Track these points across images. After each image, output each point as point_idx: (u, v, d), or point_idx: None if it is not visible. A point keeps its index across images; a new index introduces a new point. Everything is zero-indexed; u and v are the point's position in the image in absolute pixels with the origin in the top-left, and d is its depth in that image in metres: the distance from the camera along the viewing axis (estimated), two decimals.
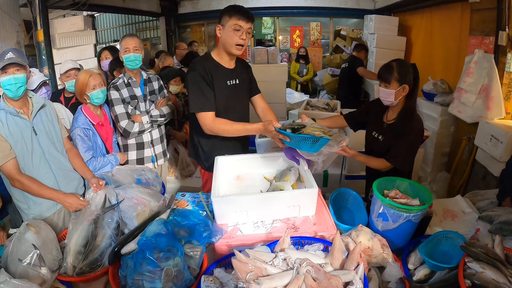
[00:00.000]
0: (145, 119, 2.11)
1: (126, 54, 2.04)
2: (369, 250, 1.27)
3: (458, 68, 3.16)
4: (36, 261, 1.24)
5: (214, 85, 1.72)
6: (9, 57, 1.48)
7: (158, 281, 1.11)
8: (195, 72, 1.69)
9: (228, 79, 1.79)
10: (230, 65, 1.80)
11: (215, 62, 1.77)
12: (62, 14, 5.32)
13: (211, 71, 1.72)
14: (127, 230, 1.47)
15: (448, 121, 3.31)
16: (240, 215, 1.42)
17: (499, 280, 1.07)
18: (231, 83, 1.80)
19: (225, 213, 1.41)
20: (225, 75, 1.78)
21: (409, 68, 1.68)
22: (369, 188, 1.48)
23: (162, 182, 2.02)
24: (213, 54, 1.79)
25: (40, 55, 3.24)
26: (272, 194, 1.44)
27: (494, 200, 1.77)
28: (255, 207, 1.41)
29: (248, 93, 1.94)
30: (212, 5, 6.42)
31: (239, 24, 1.62)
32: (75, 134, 1.87)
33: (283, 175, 1.65)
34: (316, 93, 6.11)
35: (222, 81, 1.76)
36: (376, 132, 1.83)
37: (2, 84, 1.49)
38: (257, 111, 1.97)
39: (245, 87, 1.90)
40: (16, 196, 1.65)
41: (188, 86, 1.74)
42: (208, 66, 1.73)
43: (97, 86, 1.89)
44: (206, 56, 1.82)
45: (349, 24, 6.64)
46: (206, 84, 1.68)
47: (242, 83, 1.86)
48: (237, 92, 1.84)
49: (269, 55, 4.46)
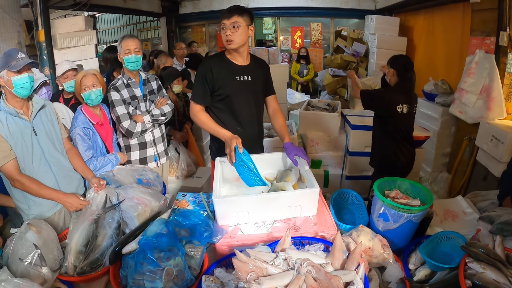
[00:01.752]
0: (146, 119, 2.12)
1: (127, 56, 2.04)
2: (369, 250, 1.27)
3: (459, 68, 3.16)
4: (37, 260, 1.24)
5: (217, 80, 1.81)
6: (21, 56, 1.49)
7: (159, 281, 1.11)
8: (202, 68, 1.84)
9: (238, 74, 1.85)
10: (243, 62, 1.87)
11: (226, 59, 1.85)
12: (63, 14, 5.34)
13: (217, 67, 1.81)
14: (128, 230, 1.47)
15: (449, 121, 3.31)
16: (241, 216, 1.42)
17: (500, 280, 1.07)
18: (241, 79, 1.85)
19: (227, 214, 1.41)
20: (236, 71, 1.85)
21: None
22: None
23: (163, 182, 2.02)
24: (226, 52, 1.87)
25: (41, 55, 3.25)
26: (274, 194, 1.44)
27: (495, 200, 1.77)
28: (257, 208, 1.41)
29: (262, 92, 1.98)
30: (213, 5, 6.44)
31: (223, 23, 1.74)
32: (74, 133, 1.87)
33: (283, 175, 1.65)
34: (317, 94, 6.11)
35: (231, 76, 1.84)
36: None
37: (16, 83, 1.49)
38: (268, 111, 2.04)
39: (258, 85, 1.94)
40: (17, 197, 1.65)
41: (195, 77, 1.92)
42: (215, 63, 1.84)
43: (90, 86, 1.89)
44: (218, 54, 1.95)
45: (350, 25, 6.64)
46: (204, 81, 1.81)
47: (254, 80, 1.90)
48: (246, 88, 1.87)
49: (270, 56, 4.47)
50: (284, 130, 1.91)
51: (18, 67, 1.47)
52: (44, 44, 3.22)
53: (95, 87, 1.91)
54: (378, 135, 2.44)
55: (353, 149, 3.24)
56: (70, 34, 3.94)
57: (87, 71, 1.95)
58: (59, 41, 3.74)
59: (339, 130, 3.33)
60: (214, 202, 1.38)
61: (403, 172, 2.41)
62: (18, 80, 1.49)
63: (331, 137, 3.34)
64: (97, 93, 1.92)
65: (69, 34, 3.92)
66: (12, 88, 1.50)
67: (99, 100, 1.95)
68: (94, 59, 4.25)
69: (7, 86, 1.50)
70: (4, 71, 1.48)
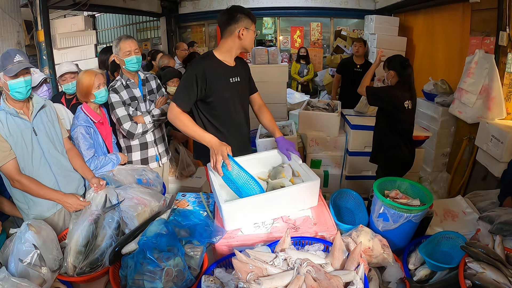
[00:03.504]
0: (147, 119, 2.12)
1: (128, 57, 2.03)
2: (369, 250, 1.27)
3: (459, 68, 3.16)
4: (37, 261, 1.24)
5: (213, 84, 1.74)
6: (18, 59, 1.47)
7: (159, 281, 1.11)
8: (193, 70, 1.73)
9: (231, 76, 1.82)
10: (232, 63, 1.84)
11: (218, 60, 1.79)
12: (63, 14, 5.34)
13: (211, 70, 1.74)
14: (127, 230, 1.47)
15: (448, 121, 3.31)
16: (250, 217, 1.41)
17: (500, 280, 1.07)
18: (234, 81, 1.83)
19: (236, 218, 1.38)
20: (228, 73, 1.81)
21: None
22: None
23: (163, 182, 2.02)
24: (216, 53, 1.81)
25: (40, 55, 3.24)
26: (278, 191, 1.44)
27: (495, 200, 1.77)
28: (264, 207, 1.41)
29: (248, 91, 1.97)
30: (213, 5, 6.44)
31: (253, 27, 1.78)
32: (77, 132, 1.87)
33: (277, 172, 1.66)
34: (317, 94, 6.11)
35: (225, 79, 1.79)
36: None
37: (12, 87, 1.48)
38: (254, 108, 2.02)
39: (245, 85, 1.94)
40: (16, 197, 1.65)
41: (182, 78, 1.82)
42: (209, 65, 1.75)
43: (102, 85, 1.92)
44: (208, 54, 1.84)
45: (350, 25, 6.64)
46: (194, 85, 1.71)
47: (242, 81, 1.89)
48: (239, 90, 1.87)
49: (269, 56, 4.46)
50: (273, 124, 1.91)
51: (13, 72, 1.45)
52: (43, 44, 3.21)
53: (104, 85, 1.94)
54: (384, 132, 2.46)
55: (353, 149, 3.24)
56: (70, 34, 3.95)
57: (94, 70, 1.96)
58: (59, 41, 3.75)
59: (338, 130, 3.33)
60: (223, 208, 1.33)
61: (408, 167, 2.47)
62: (13, 85, 1.48)
63: (331, 137, 3.33)
64: (107, 91, 1.96)
65: (68, 34, 3.93)
66: (9, 91, 1.50)
67: (106, 99, 1.98)
68: (94, 59, 4.25)
69: (5, 88, 1.50)
70: (1, 73, 1.47)
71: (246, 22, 1.72)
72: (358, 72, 3.89)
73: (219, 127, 1.83)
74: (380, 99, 2.38)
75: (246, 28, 1.72)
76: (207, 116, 1.83)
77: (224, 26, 1.74)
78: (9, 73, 1.45)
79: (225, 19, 1.73)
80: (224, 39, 1.77)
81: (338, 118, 3.27)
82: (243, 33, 1.72)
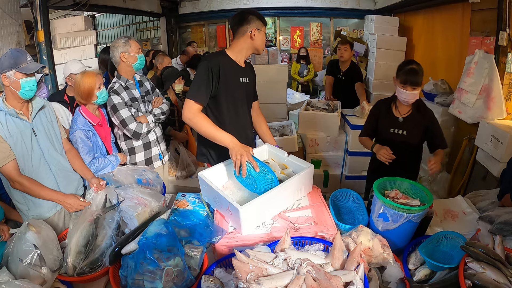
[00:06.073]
0: (150, 119, 2.14)
1: (139, 54, 2.09)
2: (369, 250, 1.27)
3: (459, 68, 3.16)
4: (37, 261, 1.24)
5: (226, 81, 1.76)
6: (30, 59, 1.50)
7: (159, 281, 1.11)
8: (208, 64, 1.71)
9: (241, 76, 1.85)
10: (242, 64, 1.87)
11: (230, 59, 1.83)
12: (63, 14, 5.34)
13: (225, 66, 1.76)
14: (127, 230, 1.47)
15: (448, 121, 3.30)
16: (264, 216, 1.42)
17: (500, 280, 1.07)
18: (243, 81, 1.86)
19: (253, 220, 1.37)
20: (239, 72, 1.84)
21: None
22: (369, 188, 1.49)
23: (163, 182, 2.02)
24: (228, 52, 1.83)
25: (40, 55, 3.24)
26: (283, 185, 1.45)
27: (494, 200, 1.77)
28: (274, 204, 1.43)
29: (253, 96, 2.01)
30: (213, 5, 6.44)
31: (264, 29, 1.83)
32: (75, 136, 1.86)
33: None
34: (317, 94, 6.11)
35: (236, 77, 1.82)
36: (395, 128, 2.05)
37: (24, 85, 1.49)
38: (252, 115, 2.06)
39: (252, 88, 1.98)
40: (16, 198, 1.65)
41: (196, 73, 1.76)
42: (223, 62, 1.77)
43: (101, 85, 1.92)
44: (221, 52, 1.85)
45: (350, 25, 6.63)
46: (210, 79, 1.70)
47: (250, 83, 1.94)
48: (247, 91, 1.91)
49: (269, 56, 4.46)
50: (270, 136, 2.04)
51: (30, 70, 1.47)
52: (43, 44, 3.21)
53: (103, 85, 1.94)
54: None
55: (353, 149, 3.24)
56: (70, 34, 3.94)
57: (93, 71, 1.96)
58: (59, 41, 3.74)
59: (338, 130, 3.33)
60: (241, 212, 1.29)
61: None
62: (26, 83, 1.49)
63: (331, 137, 3.34)
64: (106, 92, 1.96)
65: (68, 34, 3.91)
66: (19, 89, 1.49)
67: (107, 99, 1.98)
68: (94, 59, 4.24)
69: (12, 87, 1.49)
70: (12, 71, 1.46)
71: (257, 23, 1.76)
72: (340, 79, 3.67)
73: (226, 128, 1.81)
74: None
75: (257, 29, 1.76)
76: (215, 113, 1.83)
77: (236, 27, 1.77)
78: (25, 70, 1.46)
79: (237, 20, 1.76)
80: (236, 39, 1.80)
81: (338, 118, 3.27)
82: (254, 33, 1.75)
